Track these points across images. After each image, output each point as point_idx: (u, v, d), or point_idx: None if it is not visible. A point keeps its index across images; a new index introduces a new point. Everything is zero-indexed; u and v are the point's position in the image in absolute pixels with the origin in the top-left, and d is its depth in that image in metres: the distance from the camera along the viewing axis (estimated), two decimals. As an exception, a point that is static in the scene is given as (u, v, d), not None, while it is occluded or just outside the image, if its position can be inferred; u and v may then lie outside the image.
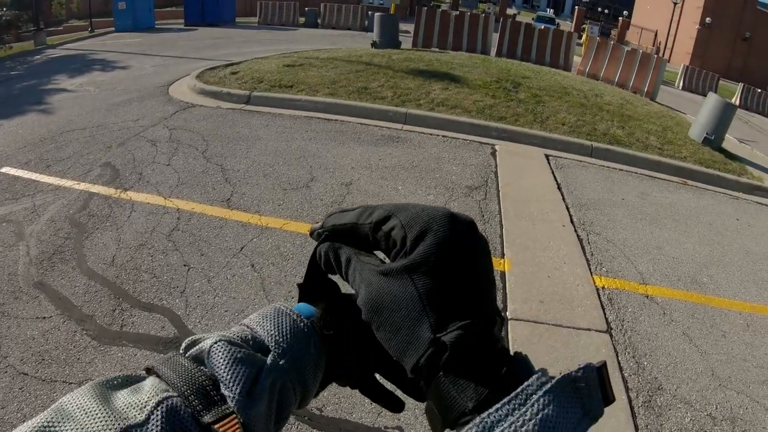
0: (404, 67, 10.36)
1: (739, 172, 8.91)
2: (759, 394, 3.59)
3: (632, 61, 15.22)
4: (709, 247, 5.78)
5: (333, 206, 4.89)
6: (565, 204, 5.84)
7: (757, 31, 46.64)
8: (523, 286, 4.03)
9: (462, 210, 3.89)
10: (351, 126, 7.55)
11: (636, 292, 4.39)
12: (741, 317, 4.54)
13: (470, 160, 6.75)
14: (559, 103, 9.55)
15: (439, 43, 15.60)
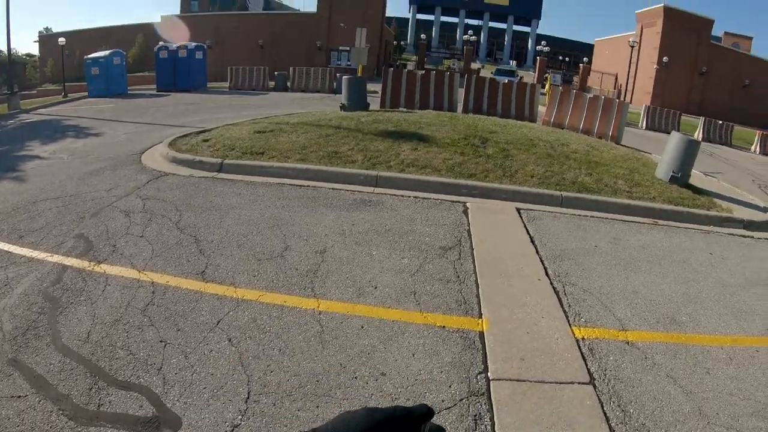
0: (373, 129, 10.66)
1: (708, 206, 9.21)
2: (748, 426, 3.67)
3: (595, 107, 15.78)
4: (685, 285, 5.95)
5: (308, 275, 4.96)
6: (539, 257, 5.99)
7: (713, 64, 49.06)
8: (502, 345, 4.09)
9: (437, 272, 4.05)
10: (323, 191, 7.71)
11: (616, 340, 4.48)
12: (723, 351, 4.65)
13: (443, 219, 6.91)
14: (526, 156, 9.86)
15: (407, 102, 16.12)
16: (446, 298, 4.75)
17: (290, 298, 4.54)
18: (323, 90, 28.95)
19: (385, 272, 5.15)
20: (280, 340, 3.95)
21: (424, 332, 4.17)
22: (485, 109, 16.66)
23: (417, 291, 4.82)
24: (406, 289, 4.83)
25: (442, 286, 4.97)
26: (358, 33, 20.72)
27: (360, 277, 5.01)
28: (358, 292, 4.71)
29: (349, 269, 5.16)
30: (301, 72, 30.06)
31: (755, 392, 4.09)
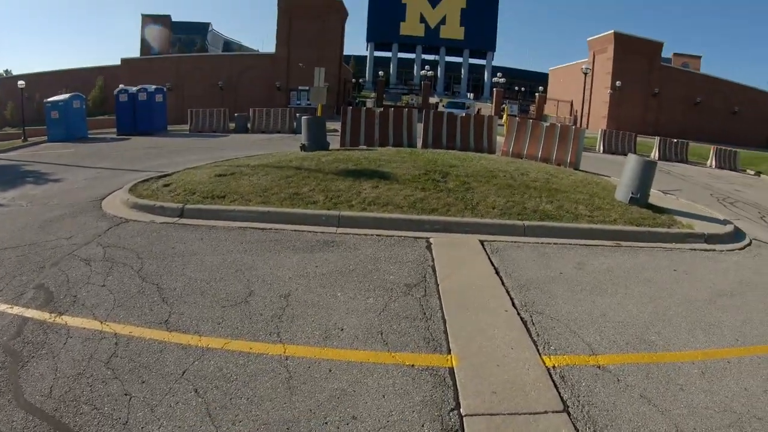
0: (334, 168, 10.76)
1: (669, 224, 9.50)
2: None
3: (552, 135, 16.20)
4: (651, 304, 6.10)
5: (273, 321, 4.94)
6: (504, 288, 6.07)
7: (665, 85, 51.48)
8: (473, 380, 4.11)
9: (403, 310, 4.15)
10: (285, 234, 7.70)
11: (587, 365, 4.55)
12: (695, 366, 4.76)
13: (406, 256, 6.97)
14: (487, 188, 10.05)
15: (367, 140, 16.36)
16: (414, 336, 4.77)
17: (256, 344, 4.50)
18: (283, 130, 29.41)
19: (350, 313, 5.15)
20: (248, 389, 3.90)
21: (394, 372, 4.17)
22: (444, 143, 17.00)
23: (384, 331, 4.83)
24: (373, 330, 4.84)
25: (409, 324, 4.99)
26: (317, 72, 21.09)
27: (326, 319, 5.00)
28: (324, 335, 4.70)
29: (315, 312, 5.15)
30: (261, 113, 30.60)
31: (731, 403, 4.20)
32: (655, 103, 51.63)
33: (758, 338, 5.59)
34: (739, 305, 6.52)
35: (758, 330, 5.81)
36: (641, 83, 50.77)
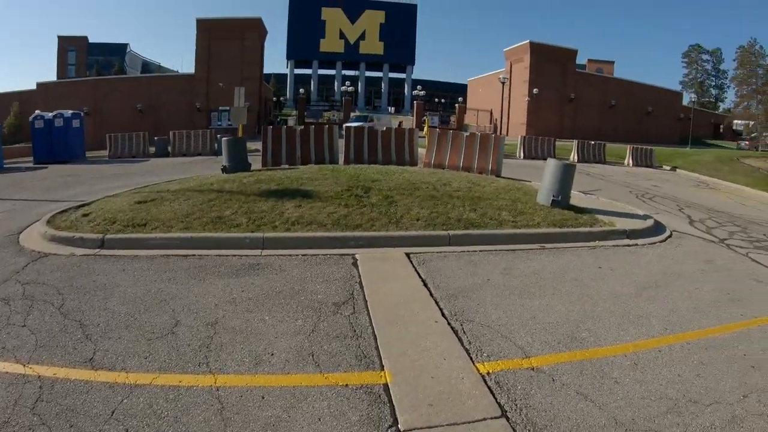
0: (256, 189, 10.62)
1: (591, 223, 9.92)
2: (666, 424, 3.91)
3: (473, 144, 16.57)
4: (580, 302, 6.32)
5: (201, 350, 4.78)
6: (433, 299, 6.12)
7: (580, 90, 54.39)
8: (409, 394, 4.10)
9: (333, 329, 4.10)
10: (209, 259, 7.51)
11: (521, 368, 4.63)
12: (627, 359, 4.95)
13: (333, 274, 6.93)
14: (410, 200, 10.16)
15: (288, 159, 16.30)
16: (345, 355, 4.72)
17: (185, 377, 4.33)
18: (204, 152, 29.08)
19: (280, 337, 5.05)
20: (180, 424, 3.74)
21: (328, 394, 4.11)
22: (366, 157, 17.11)
23: (315, 352, 4.76)
24: (304, 352, 4.76)
25: (340, 344, 4.95)
26: (237, 92, 20.91)
27: (255, 345, 4.88)
28: (255, 361, 4.58)
29: (244, 338, 5.02)
30: (181, 136, 30.16)
31: (666, 390, 4.40)
32: (572, 107, 54.32)
33: (686, 325, 5.90)
34: (665, 295, 6.86)
35: (685, 317, 6.14)
36: (558, 90, 53.44)
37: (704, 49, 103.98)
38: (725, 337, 5.71)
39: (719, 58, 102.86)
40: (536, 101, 51.83)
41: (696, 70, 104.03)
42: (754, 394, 4.46)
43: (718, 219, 13.74)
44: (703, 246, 10.05)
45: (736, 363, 5.06)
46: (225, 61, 48.91)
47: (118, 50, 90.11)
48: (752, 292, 7.42)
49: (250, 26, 51.34)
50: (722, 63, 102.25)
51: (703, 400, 4.28)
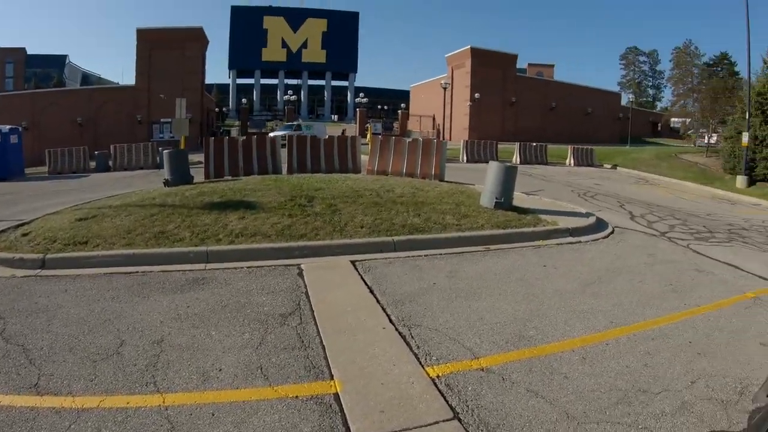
0: (199, 202, 10.47)
1: (535, 223, 10.17)
2: (617, 414, 4.03)
3: (416, 150, 16.75)
4: (526, 301, 6.46)
5: (148, 370, 4.66)
6: (380, 306, 6.14)
7: (521, 94, 55.89)
8: (360, 402, 4.09)
9: (280, 341, 4.06)
10: (153, 276, 7.34)
11: (471, 369, 4.69)
12: (575, 354, 5.08)
13: (279, 285, 6.88)
14: (354, 207, 10.18)
15: (231, 170, 16.20)
16: (294, 367, 4.69)
17: (133, 398, 4.21)
18: (147, 166, 28.83)
19: (227, 352, 4.97)
20: None
21: (278, 407, 4.06)
22: (309, 166, 17.11)
23: (263, 365, 4.71)
24: (252, 365, 4.70)
25: (288, 355, 4.91)
26: (178, 103, 20.55)
27: (202, 361, 4.79)
28: (203, 378, 4.50)
29: (191, 355, 4.92)
30: (122, 149, 29.87)
31: (615, 382, 4.54)
32: (514, 111, 55.59)
33: (631, 318, 6.12)
34: (609, 290, 7.09)
35: (630, 310, 6.37)
36: (499, 93, 54.60)
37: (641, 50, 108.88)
38: (670, 326, 5.94)
39: (656, 59, 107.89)
40: (478, 105, 52.74)
41: (633, 72, 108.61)
42: (701, 380, 4.66)
43: (659, 213, 14.27)
44: (645, 240, 10.41)
45: (682, 351, 5.27)
46: (166, 72, 47.98)
47: (56, 62, 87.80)
48: (694, 282, 7.74)
49: (192, 36, 50.64)
50: (659, 64, 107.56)
51: (652, 389, 4.44)
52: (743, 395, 4.41)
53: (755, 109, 25.29)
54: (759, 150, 24.73)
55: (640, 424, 3.92)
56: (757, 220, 15.73)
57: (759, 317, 6.48)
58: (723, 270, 8.60)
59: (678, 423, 3.96)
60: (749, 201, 21.32)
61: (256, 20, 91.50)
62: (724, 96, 39.16)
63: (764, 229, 13.80)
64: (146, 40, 48.82)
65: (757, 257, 9.80)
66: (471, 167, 25.61)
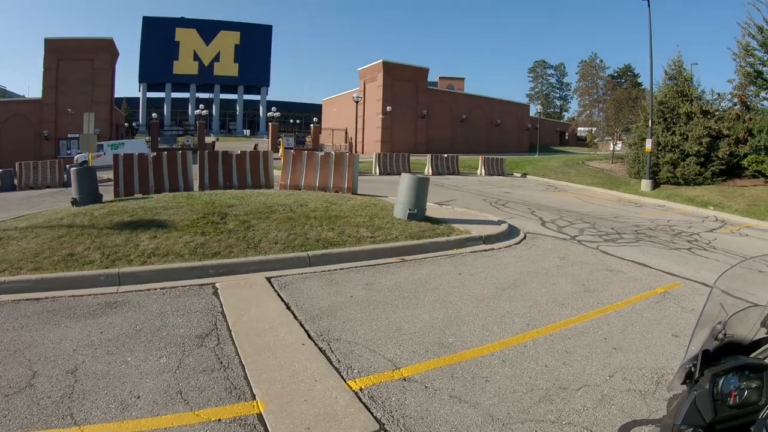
0: (108, 222, 10.03)
1: (448, 233, 10.42)
2: (539, 413, 4.18)
3: (328, 164, 16.83)
4: (443, 309, 6.59)
5: (63, 401, 4.40)
6: (298, 321, 6.09)
7: (432, 107, 57.14)
8: (284, 422, 4.04)
9: (198, 363, 3.92)
10: (64, 301, 6.93)
11: (393, 380, 4.72)
12: (495, 357, 5.24)
13: (194, 306, 6.69)
14: (268, 223, 10.08)
15: (141, 188, 15.78)
16: (215, 389, 4.57)
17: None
18: (54, 185, 27.99)
19: (145, 378, 4.78)
20: None
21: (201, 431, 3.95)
22: (222, 182, 16.86)
23: (183, 389, 4.56)
24: (171, 391, 4.54)
25: (208, 377, 4.78)
26: (86, 118, 19.76)
27: (120, 389, 4.58)
28: (121, 406, 4.30)
29: (107, 383, 4.69)
30: (28, 167, 28.82)
31: (536, 381, 4.71)
32: (425, 123, 56.77)
33: (546, 319, 6.38)
34: (524, 294, 7.34)
35: (546, 311, 6.63)
36: (411, 106, 55.67)
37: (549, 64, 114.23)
38: (585, 324, 6.24)
39: (563, 72, 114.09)
40: (390, 119, 53.49)
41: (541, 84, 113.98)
42: (618, 373, 4.91)
43: (568, 218, 14.90)
44: (557, 244, 10.85)
45: (598, 347, 5.55)
46: (75, 85, 46.13)
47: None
48: (606, 281, 8.15)
49: (102, 47, 48.92)
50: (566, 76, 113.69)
51: (572, 386, 4.63)
52: (660, 384, 4.69)
53: (657, 117, 27.15)
54: (662, 155, 26.57)
55: (564, 420, 4.07)
56: (663, 220, 16.73)
57: (669, 310, 6.91)
58: (632, 268, 9.09)
59: (600, 416, 4.14)
60: (654, 203, 22.66)
61: (168, 32, 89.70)
62: (627, 105, 41.59)
63: (669, 228, 14.70)
64: (55, 50, 46.87)
65: (664, 254, 10.42)
66: (384, 179, 25.94)
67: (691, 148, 25.71)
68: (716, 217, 19.24)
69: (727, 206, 21.14)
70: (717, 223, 17.32)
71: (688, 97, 27.15)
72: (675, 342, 5.79)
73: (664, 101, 27.51)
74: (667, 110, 27.24)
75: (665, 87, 28.50)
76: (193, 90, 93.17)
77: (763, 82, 26.70)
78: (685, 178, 25.77)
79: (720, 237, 13.91)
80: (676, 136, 26.49)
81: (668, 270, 9.09)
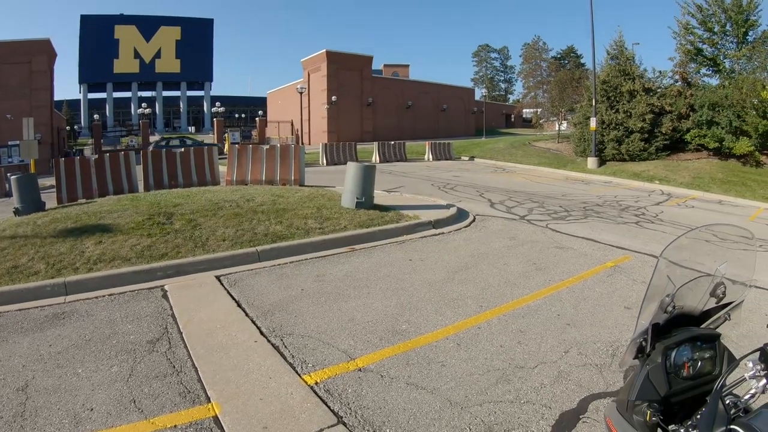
0: (52, 230, 9.68)
1: (397, 219, 10.43)
2: (497, 393, 4.22)
3: (273, 157, 16.62)
4: (395, 296, 6.59)
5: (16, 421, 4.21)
6: (249, 319, 6.01)
7: (378, 94, 57.19)
8: (241, 422, 3.97)
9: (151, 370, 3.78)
10: (10, 316, 6.64)
11: (348, 371, 4.70)
12: (450, 341, 5.25)
13: (143, 310, 6.52)
14: (215, 221, 9.90)
15: (85, 192, 15.27)
16: (169, 395, 4.45)
17: None
18: None
19: (97, 389, 4.63)
20: None
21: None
22: (166, 182, 16.49)
23: (136, 398, 4.43)
24: (124, 400, 4.41)
25: (161, 383, 4.65)
26: (26, 123, 19.10)
27: (72, 403, 4.42)
28: (74, 421, 4.15)
29: (59, 398, 4.52)
30: None
31: (492, 362, 4.75)
32: (371, 111, 56.75)
33: (499, 299, 6.45)
34: (476, 276, 7.40)
35: (498, 292, 6.71)
36: (356, 95, 55.53)
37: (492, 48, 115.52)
38: (538, 302, 6.34)
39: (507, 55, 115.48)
40: (336, 108, 53.29)
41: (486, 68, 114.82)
42: (574, 348, 5.00)
43: (517, 198, 15.11)
44: (506, 224, 10.97)
45: (552, 324, 5.64)
46: (12, 89, 43.89)
47: None
48: (556, 259, 8.29)
49: (38, 49, 46.51)
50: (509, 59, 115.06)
51: (528, 364, 4.69)
52: (616, 357, 4.81)
53: (601, 96, 27.85)
54: (607, 133, 27.31)
55: (522, 398, 4.12)
56: (610, 196, 17.14)
57: (620, 283, 7.07)
58: (582, 244, 9.27)
59: (558, 392, 4.21)
60: (601, 180, 23.19)
61: (107, 30, 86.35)
62: (571, 86, 42.48)
63: (617, 203, 15.06)
64: (-12, 54, 44.77)
65: (612, 229, 10.66)
66: (332, 170, 25.83)
67: (635, 125, 26.51)
68: (662, 190, 19.84)
69: (672, 180, 21.85)
70: (663, 197, 17.85)
71: (630, 75, 27.91)
72: (628, 314, 5.93)
73: (607, 80, 28.25)
74: (611, 89, 27.95)
75: (608, 66, 29.26)
76: (135, 89, 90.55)
77: (703, 59, 27.91)
78: (630, 154, 26.60)
79: (667, 210, 14.32)
80: (620, 113, 27.25)
81: (617, 244, 9.30)
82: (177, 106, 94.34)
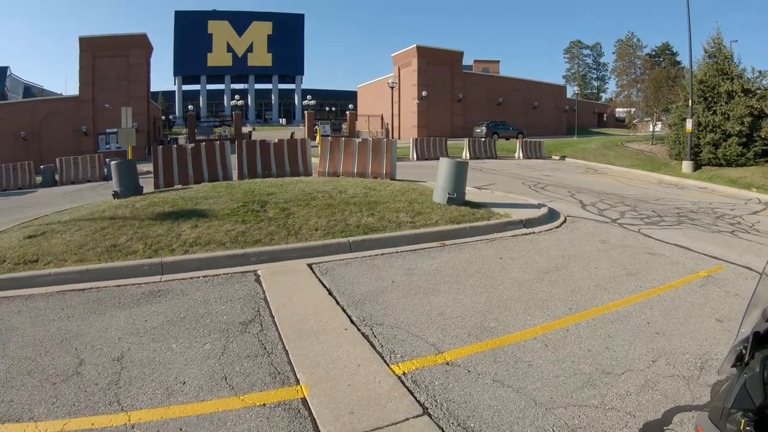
0: (150, 213, 10.24)
1: (488, 217, 10.34)
2: (582, 398, 4.14)
3: (365, 150, 16.79)
4: (485, 293, 6.56)
5: (110, 388, 4.53)
6: (340, 307, 6.14)
7: (468, 90, 56.82)
8: (328, 405, 4.08)
9: (242, 349, 3.98)
10: (108, 291, 7.11)
11: (436, 364, 4.74)
12: (537, 341, 5.20)
13: (237, 293, 6.79)
14: (307, 210, 10.15)
15: (181, 179, 15.95)
16: (259, 374, 4.64)
17: (98, 418, 4.08)
18: (94, 179, 28.55)
19: (190, 364, 4.88)
20: None
21: (246, 416, 4.01)
22: (260, 171, 16.98)
23: (227, 375, 4.64)
24: (216, 376, 4.63)
25: (252, 363, 4.85)
26: (124, 113, 20.17)
27: (165, 375, 4.69)
28: (167, 392, 4.40)
29: (152, 370, 4.81)
30: (68, 162, 29.40)
31: (579, 366, 4.67)
32: (461, 107, 56.40)
33: (588, 303, 6.30)
34: (566, 277, 7.26)
35: (587, 295, 6.55)
36: (446, 91, 55.39)
37: (584, 44, 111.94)
38: (628, 308, 6.15)
39: (599, 52, 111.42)
40: (426, 103, 53.32)
41: (578, 65, 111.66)
42: (662, 358, 4.84)
43: (609, 201, 14.67)
44: (597, 227, 10.69)
45: (641, 332, 5.47)
46: (110, 81, 46.65)
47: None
48: (647, 265, 8.01)
49: (135, 43, 49.24)
50: (602, 56, 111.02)
51: (615, 371, 4.58)
52: (704, 370, 4.61)
53: (698, 97, 26.42)
54: (703, 135, 25.89)
55: (607, 405, 4.04)
56: (704, 202, 16.37)
57: (712, 295, 6.76)
58: (674, 252, 8.91)
59: (643, 401, 4.10)
60: (696, 185, 22.17)
61: (201, 25, 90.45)
62: (666, 85, 40.62)
63: (711, 210, 14.37)
64: (89, 48, 47.30)
65: (706, 238, 10.19)
66: (422, 165, 25.80)
67: (732, 128, 24.98)
68: (759, 199, 18.75)
69: (770, 188, 20.61)
70: (760, 206, 16.87)
71: (728, 75, 26.26)
72: (719, 327, 5.68)
73: (704, 80, 26.72)
74: (708, 89, 26.46)
75: (705, 65, 27.65)
76: (228, 81, 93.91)
77: (807, 58, 25.85)
78: (727, 159, 25.10)
79: (764, 220, 13.54)
80: (717, 115, 25.78)
81: (711, 253, 8.89)
82: (269, 99, 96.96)
